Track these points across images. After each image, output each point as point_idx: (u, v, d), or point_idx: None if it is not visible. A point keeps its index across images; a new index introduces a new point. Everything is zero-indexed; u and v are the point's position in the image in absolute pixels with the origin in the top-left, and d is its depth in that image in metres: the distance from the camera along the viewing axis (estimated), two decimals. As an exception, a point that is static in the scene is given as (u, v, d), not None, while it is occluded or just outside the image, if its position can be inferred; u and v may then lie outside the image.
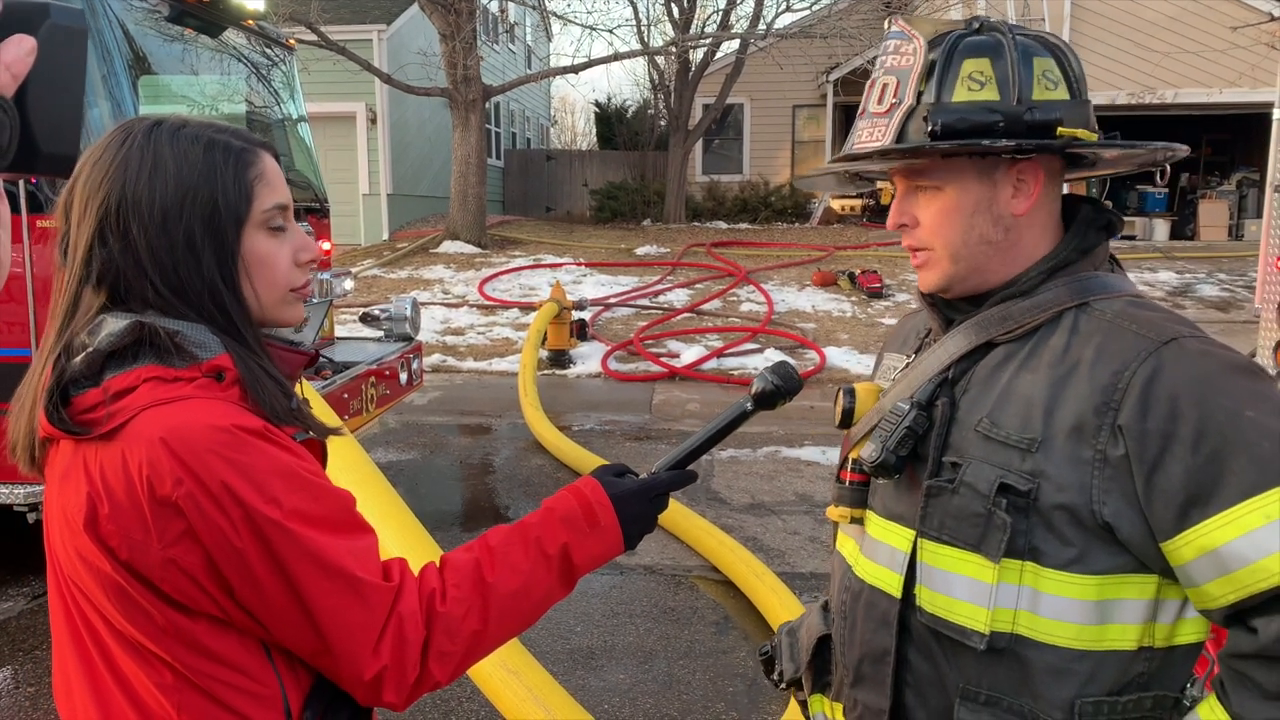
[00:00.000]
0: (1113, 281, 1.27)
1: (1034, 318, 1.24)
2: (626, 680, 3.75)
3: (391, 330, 6.05)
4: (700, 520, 4.95)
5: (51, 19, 0.71)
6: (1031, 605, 1.17)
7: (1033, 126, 1.21)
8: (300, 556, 1.03)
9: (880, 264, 13.75)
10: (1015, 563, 1.17)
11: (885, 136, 1.26)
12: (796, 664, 1.51)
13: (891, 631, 1.29)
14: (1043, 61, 1.24)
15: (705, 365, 9.47)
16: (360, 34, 17.37)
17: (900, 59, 1.27)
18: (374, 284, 13.11)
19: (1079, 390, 1.16)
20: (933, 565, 1.24)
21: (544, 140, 30.57)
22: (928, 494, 1.24)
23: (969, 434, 1.23)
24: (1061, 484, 1.14)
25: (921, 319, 1.47)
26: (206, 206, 1.11)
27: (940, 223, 1.28)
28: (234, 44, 5.27)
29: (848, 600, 1.38)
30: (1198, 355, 1.13)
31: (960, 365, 1.29)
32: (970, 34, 1.26)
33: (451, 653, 1.11)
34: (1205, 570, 1.09)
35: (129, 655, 1.07)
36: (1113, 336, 1.18)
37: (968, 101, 1.22)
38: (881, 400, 1.38)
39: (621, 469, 1.32)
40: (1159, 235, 16.43)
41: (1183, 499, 1.09)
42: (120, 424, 1.03)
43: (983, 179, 1.25)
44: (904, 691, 1.29)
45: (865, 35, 16.15)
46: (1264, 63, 14.01)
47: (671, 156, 19.11)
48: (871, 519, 1.36)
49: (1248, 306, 10.72)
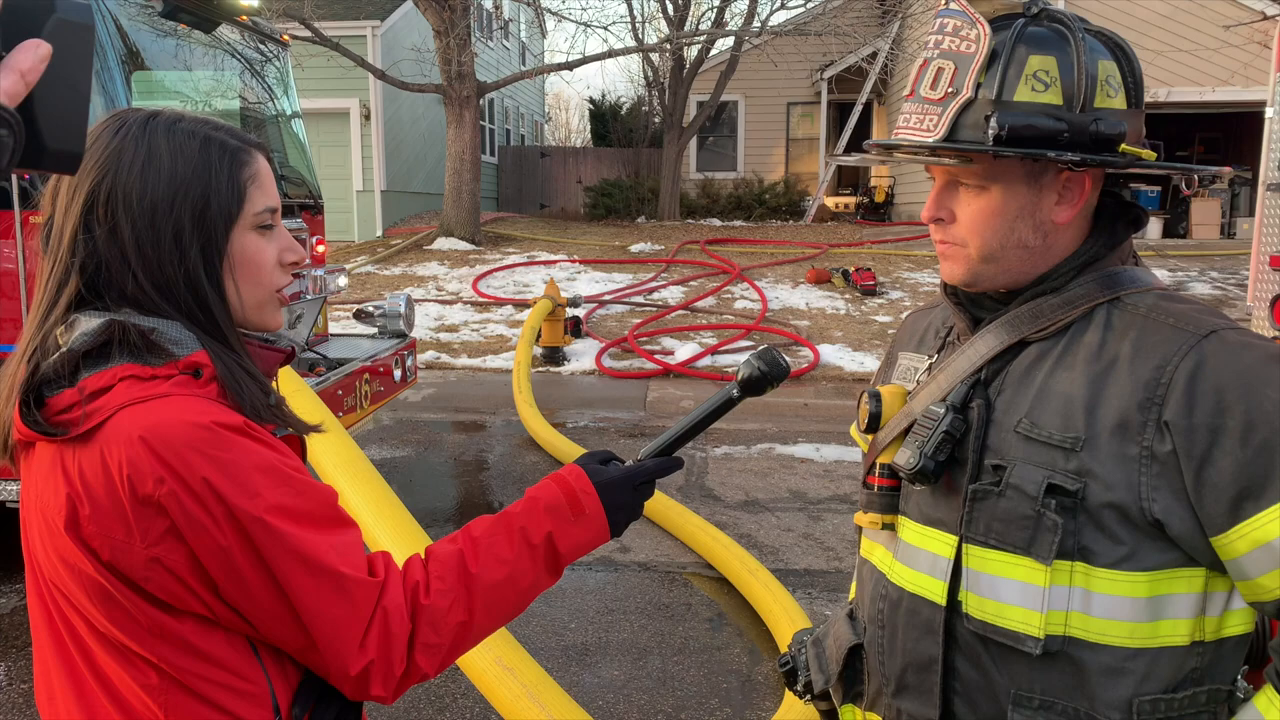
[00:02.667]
0: (1141, 275, 1.25)
1: (1066, 314, 1.22)
2: (621, 677, 3.75)
3: (385, 327, 6.03)
4: (694, 517, 4.95)
5: (58, 14, 0.70)
6: (1083, 606, 1.15)
7: (1096, 139, 1.16)
8: (284, 553, 1.02)
9: (874, 261, 13.76)
10: (1065, 564, 1.15)
11: (938, 128, 1.20)
12: (827, 675, 1.45)
13: (938, 639, 1.26)
14: (1106, 65, 1.19)
15: (699, 362, 9.47)
16: (354, 30, 17.33)
17: (960, 43, 1.20)
18: (368, 281, 13.09)
19: (1121, 386, 1.14)
20: (980, 570, 1.21)
21: (538, 137, 30.53)
22: (973, 498, 1.21)
23: (1008, 435, 1.21)
24: (1109, 482, 1.13)
25: (938, 316, 1.43)
26: (198, 203, 1.10)
27: (980, 223, 1.23)
28: (228, 40, 5.25)
29: (885, 609, 1.34)
30: (1239, 348, 1.12)
31: (993, 365, 1.26)
32: (1034, 23, 1.20)
33: (438, 645, 1.11)
34: (1261, 563, 1.08)
35: (113, 657, 1.06)
36: (1150, 331, 1.17)
37: (1030, 103, 1.17)
38: (910, 404, 1.33)
39: (607, 456, 1.31)
40: (1152, 233, 16.45)
41: (1234, 493, 1.08)
42: (97, 424, 1.02)
43: (1030, 184, 1.21)
44: (953, 700, 1.26)
45: (859, 33, 16.19)
46: (1256, 61, 14.06)
47: (666, 153, 19.11)
48: (906, 525, 1.32)
49: (1240, 304, 10.74)
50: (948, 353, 1.34)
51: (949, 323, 1.39)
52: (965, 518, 1.22)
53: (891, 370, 1.46)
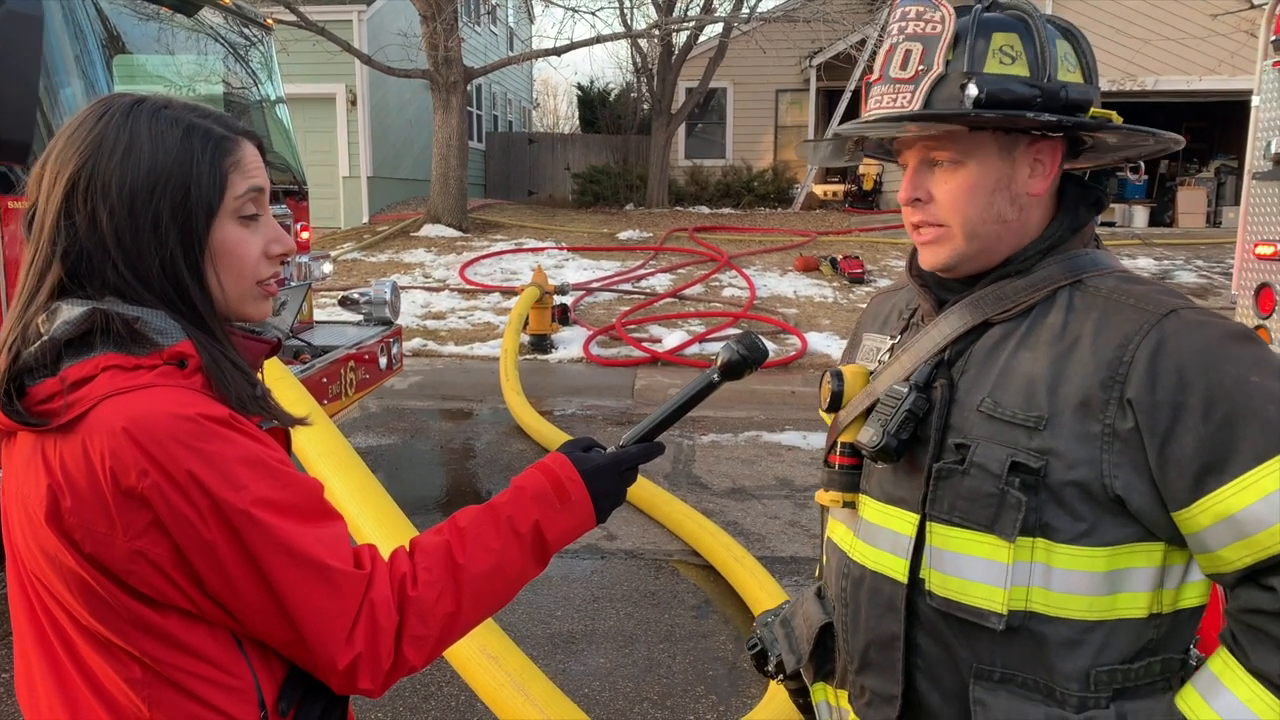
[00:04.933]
0: (1102, 258, 1.27)
1: (1030, 296, 1.24)
2: (607, 664, 3.76)
3: (371, 314, 6.00)
4: (681, 504, 4.96)
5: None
6: (1044, 581, 1.17)
7: (1067, 104, 1.20)
8: (270, 546, 1.02)
9: (862, 249, 13.78)
10: (1027, 540, 1.17)
11: (913, 103, 1.23)
12: (798, 655, 1.47)
13: (899, 617, 1.28)
14: (1062, 44, 1.24)
15: (687, 350, 9.48)
16: (340, 14, 17.19)
17: (925, 25, 1.24)
18: (354, 267, 13.02)
19: (1083, 366, 1.17)
20: (943, 548, 1.23)
21: (526, 123, 30.40)
22: (936, 476, 1.23)
23: (971, 415, 1.23)
24: (1072, 460, 1.15)
25: (902, 298, 1.45)
26: (178, 193, 1.08)
27: (959, 198, 1.25)
28: (210, 23, 5.19)
29: (848, 587, 1.36)
30: (1198, 325, 1.14)
31: (956, 346, 1.28)
32: (989, 10, 1.24)
33: (425, 637, 1.11)
34: (1222, 535, 1.11)
35: (96, 651, 1.05)
36: (1111, 311, 1.19)
37: (1000, 74, 1.20)
38: (872, 383, 1.35)
39: (589, 443, 1.32)
40: (1138, 222, 16.54)
41: (1197, 467, 1.10)
42: (79, 414, 1.00)
43: (1003, 156, 1.24)
44: (915, 675, 1.28)
45: (848, 20, 16.15)
46: (1243, 50, 14.11)
47: (654, 140, 19.05)
48: (867, 503, 1.34)
49: (1225, 293, 10.81)
50: (911, 333, 1.36)
51: (913, 304, 1.41)
52: (930, 496, 1.24)
53: (856, 351, 1.49)
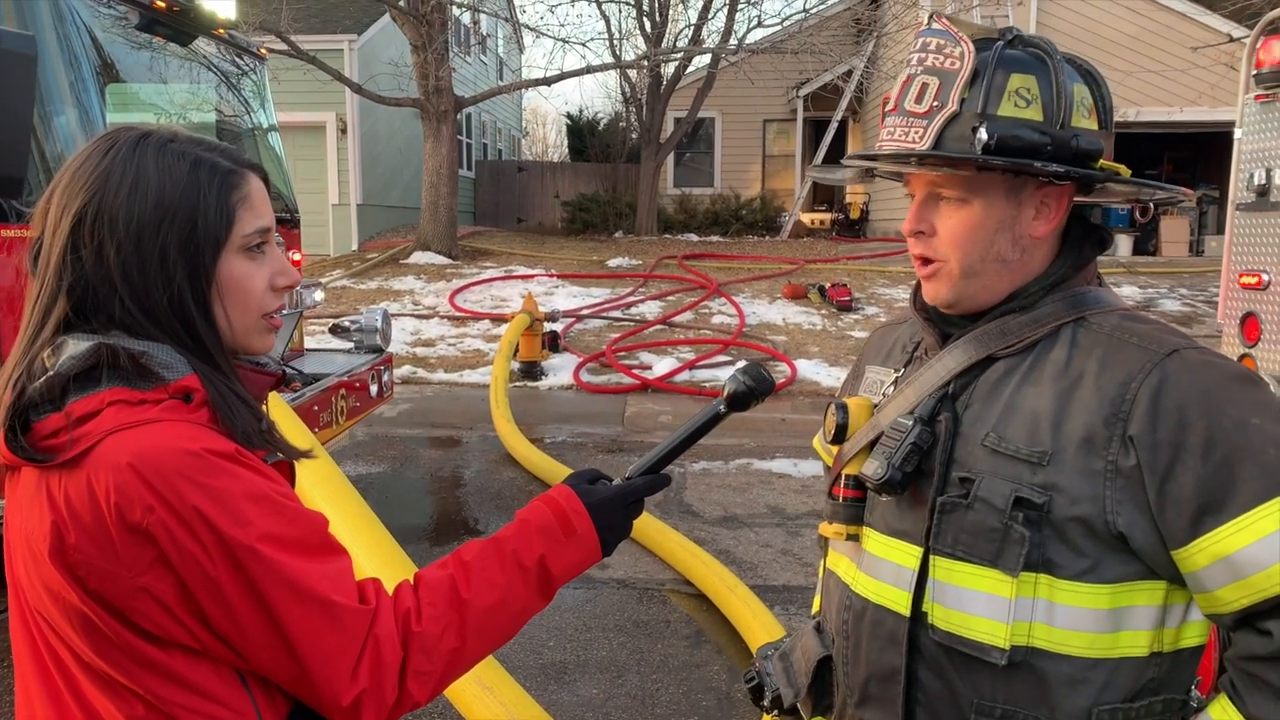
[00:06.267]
0: (1105, 296, 1.29)
1: (1033, 332, 1.25)
2: (599, 695, 3.73)
3: (361, 342, 5.99)
4: (673, 533, 4.94)
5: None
6: (1046, 617, 1.18)
7: (1077, 154, 1.20)
8: (275, 582, 1.01)
9: (850, 278, 13.85)
10: (1030, 575, 1.17)
11: (924, 140, 1.23)
12: (796, 688, 1.45)
13: (901, 650, 1.27)
14: (1080, 89, 1.24)
15: (677, 377, 9.48)
16: (331, 44, 17.28)
17: (944, 60, 1.23)
18: (344, 295, 13.01)
19: (1086, 402, 1.17)
20: (946, 582, 1.23)
21: (515, 151, 30.53)
22: (940, 510, 1.23)
23: (975, 449, 1.23)
24: (1075, 496, 1.15)
25: (905, 331, 1.46)
26: (185, 228, 1.08)
27: (961, 236, 1.26)
28: (204, 53, 5.22)
29: (849, 619, 1.36)
30: (1200, 366, 1.16)
31: (960, 380, 1.29)
32: (1011, 47, 1.24)
33: (430, 672, 1.10)
34: (1219, 576, 1.11)
35: (98, 688, 1.04)
36: (1114, 349, 1.20)
37: (1013, 117, 1.20)
38: (877, 416, 1.35)
39: (594, 475, 1.31)
40: (1122, 251, 16.68)
41: (1195, 507, 1.11)
42: (85, 449, 1.00)
43: (1010, 198, 1.24)
44: (915, 710, 1.28)
45: (834, 51, 16.33)
46: (1223, 82, 14.30)
47: (643, 169, 19.16)
48: (871, 536, 1.34)
49: (1209, 321, 10.90)
50: (915, 367, 1.37)
51: (916, 338, 1.41)
52: (933, 529, 1.24)
53: (858, 383, 1.49)
